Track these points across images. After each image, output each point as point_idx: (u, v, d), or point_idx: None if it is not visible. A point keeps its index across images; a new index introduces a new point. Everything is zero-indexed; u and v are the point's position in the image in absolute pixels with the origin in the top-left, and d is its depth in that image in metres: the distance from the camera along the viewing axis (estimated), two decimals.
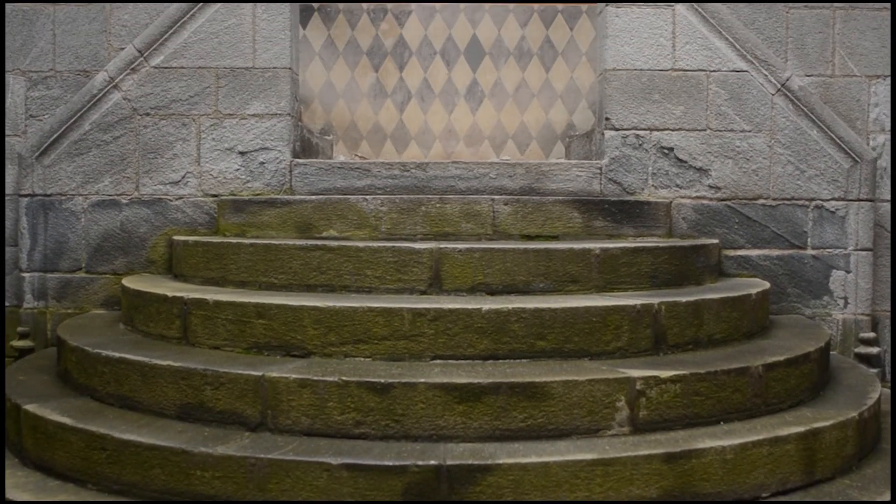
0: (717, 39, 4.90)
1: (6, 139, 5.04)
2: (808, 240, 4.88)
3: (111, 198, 4.91)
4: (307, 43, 6.72)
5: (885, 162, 5.00)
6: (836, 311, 4.87)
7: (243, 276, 4.13)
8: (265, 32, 4.95)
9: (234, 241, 4.28)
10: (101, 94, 4.89)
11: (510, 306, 3.51)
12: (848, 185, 4.87)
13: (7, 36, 5.04)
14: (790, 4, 5.01)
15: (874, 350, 4.71)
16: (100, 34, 5.03)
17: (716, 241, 4.74)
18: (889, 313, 4.96)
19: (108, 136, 4.90)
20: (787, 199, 4.89)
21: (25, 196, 4.89)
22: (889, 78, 5.00)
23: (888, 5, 5.00)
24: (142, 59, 4.92)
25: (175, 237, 4.71)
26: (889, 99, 5.00)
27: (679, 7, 4.91)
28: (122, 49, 4.98)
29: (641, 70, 4.94)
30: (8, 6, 5.04)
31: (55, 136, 4.88)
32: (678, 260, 4.25)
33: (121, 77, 4.90)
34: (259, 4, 4.93)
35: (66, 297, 4.90)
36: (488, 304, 3.56)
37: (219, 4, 4.93)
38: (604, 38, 5.02)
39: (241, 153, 4.94)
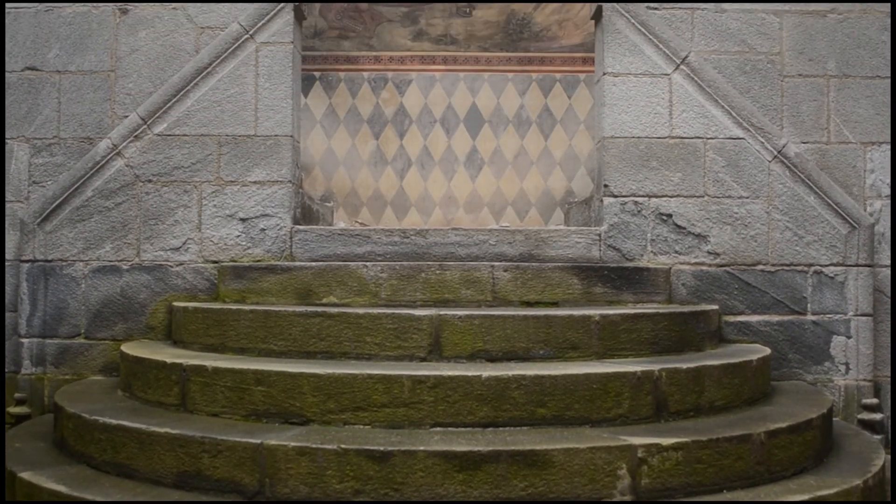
0: (713, 107, 4.97)
1: (9, 205, 5.07)
2: (808, 305, 4.88)
3: (112, 264, 4.92)
4: (309, 111, 6.80)
5: (883, 227, 5.02)
6: (837, 376, 4.85)
7: (243, 342, 4.12)
8: (267, 101, 5.01)
9: (234, 307, 4.28)
10: (104, 161, 4.94)
11: (510, 373, 3.49)
12: (846, 250, 4.89)
13: (13, 104, 5.11)
14: (784, 73, 5.09)
15: (877, 416, 4.68)
16: (104, 102, 5.10)
17: (715, 307, 4.73)
18: (889, 378, 4.94)
19: (110, 203, 4.94)
20: (786, 265, 4.90)
21: (26, 262, 4.90)
22: (885, 144, 5.05)
23: (881, 73, 5.08)
24: (145, 126, 4.97)
25: (175, 303, 4.71)
26: (884, 165, 5.04)
27: (675, 76, 4.99)
28: (126, 117, 5.04)
29: (639, 138, 4.99)
30: (15, 74, 5.11)
31: (58, 202, 4.91)
32: (678, 326, 4.25)
33: (124, 144, 4.95)
34: (261, 74, 5.00)
35: (64, 363, 4.88)
36: (488, 371, 3.54)
37: (222, 74, 5.00)
38: (602, 107, 5.09)
39: (243, 220, 4.97)
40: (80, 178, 4.93)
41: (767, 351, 4.43)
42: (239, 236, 4.96)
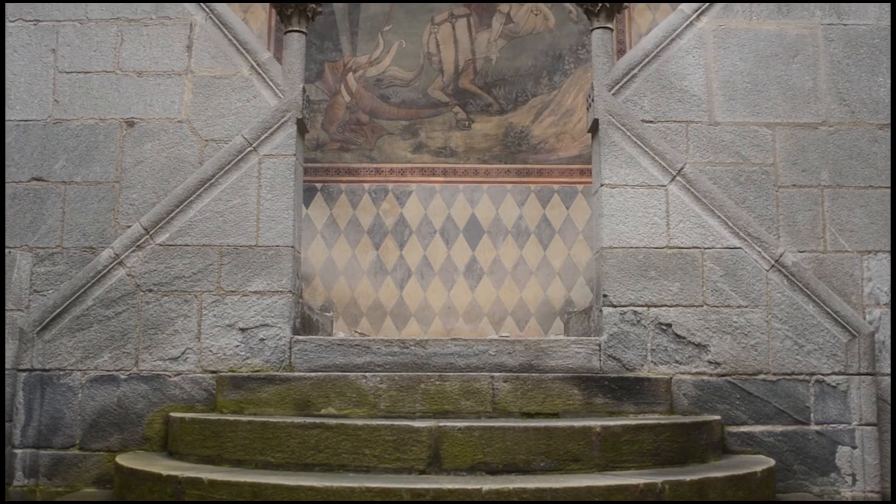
0: (710, 217, 5.02)
1: (9, 314, 5.07)
2: (812, 415, 4.83)
3: (110, 373, 4.90)
4: (310, 221, 6.87)
5: (883, 335, 5.01)
6: (844, 488, 4.76)
7: (240, 454, 4.06)
8: (269, 212, 5.07)
9: (232, 418, 4.24)
10: (105, 271, 4.96)
11: (511, 486, 3.43)
12: (847, 359, 4.87)
13: (18, 214, 5.17)
14: (779, 183, 5.17)
15: None
16: (108, 212, 5.16)
17: (718, 417, 4.69)
18: (890, 490, 4.85)
19: (110, 312, 4.94)
20: (788, 374, 4.88)
21: (24, 371, 4.88)
22: (881, 253, 5.09)
23: (873, 183, 5.15)
24: (147, 236, 5.02)
25: (172, 414, 4.66)
26: (881, 273, 5.06)
27: (672, 187, 5.06)
28: (129, 227, 5.09)
29: (637, 248, 5.03)
30: (22, 185, 5.19)
31: (58, 311, 4.92)
32: (680, 437, 4.20)
33: (126, 254, 4.99)
34: (264, 185, 5.07)
35: (57, 475, 4.80)
36: (488, 484, 3.49)
37: (225, 185, 5.07)
38: (599, 217, 5.14)
39: (242, 330, 4.96)
40: (82, 287, 4.95)
41: (772, 462, 4.37)
42: (238, 346, 4.94)
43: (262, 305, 4.98)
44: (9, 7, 5.36)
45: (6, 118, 5.24)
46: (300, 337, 5.01)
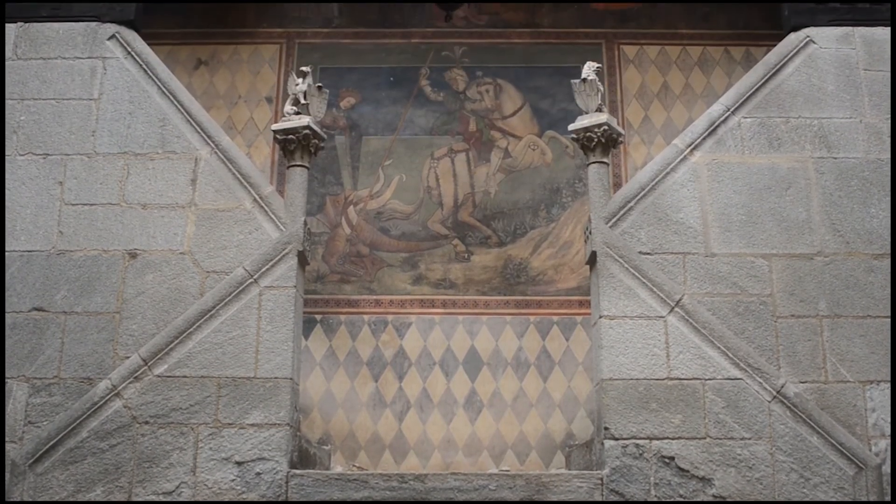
0: (709, 348, 5.02)
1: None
2: None
3: None
4: (309, 353, 6.85)
5: (888, 468, 4.92)
6: None
7: None
8: (268, 344, 5.06)
9: None
10: (102, 402, 4.92)
11: None
12: (855, 492, 4.77)
13: (16, 344, 5.16)
14: (777, 314, 5.18)
15: None
16: (107, 343, 5.15)
17: None
18: None
19: (104, 444, 4.87)
20: None
21: None
22: (883, 383, 5.05)
23: (871, 313, 5.17)
24: (146, 367, 5.00)
25: None
26: (884, 404, 5.01)
27: (670, 318, 5.07)
28: (128, 357, 5.07)
29: (637, 379, 5.00)
30: (22, 315, 5.20)
31: (52, 442, 4.85)
32: None
33: (123, 385, 4.96)
34: (264, 317, 5.08)
35: None
36: None
37: (225, 316, 5.08)
38: (599, 349, 5.14)
39: (238, 463, 4.88)
40: (77, 418, 4.89)
41: None
42: (234, 480, 4.85)
43: (260, 438, 4.91)
44: (19, 140, 5.50)
45: (10, 249, 5.29)
46: (297, 471, 4.92)
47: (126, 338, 5.17)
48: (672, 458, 4.87)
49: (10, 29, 5.75)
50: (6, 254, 5.29)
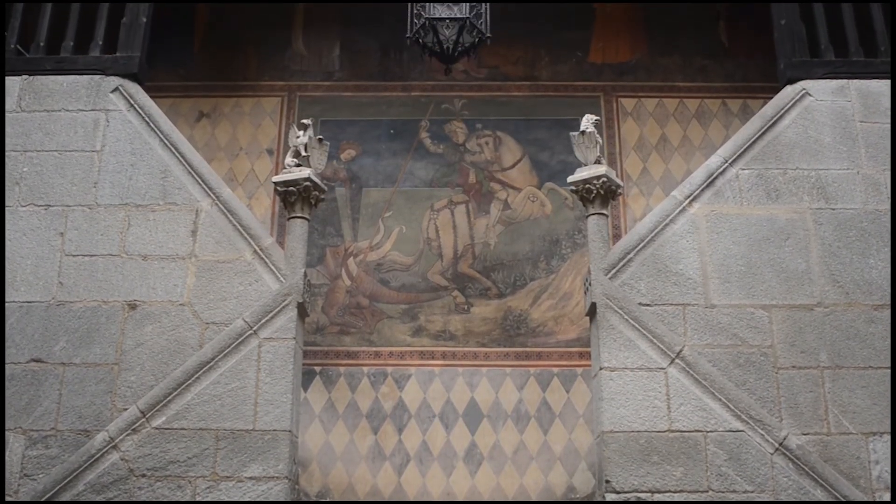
0: (710, 400, 4.99)
1: None
2: None
3: None
4: (308, 405, 6.82)
5: None
6: None
7: None
8: (267, 395, 5.03)
9: None
10: (99, 455, 4.87)
11: None
12: None
13: (14, 395, 5.13)
14: (778, 365, 5.16)
15: None
16: (105, 394, 5.12)
17: None
18: None
19: (101, 498, 4.81)
20: None
21: None
22: (886, 434, 5.01)
23: (873, 364, 5.15)
24: (144, 420, 4.96)
25: None
26: (888, 456, 4.97)
27: (671, 369, 5.05)
28: (126, 409, 5.04)
29: (639, 431, 4.96)
30: (20, 366, 5.18)
31: (48, 496, 4.79)
32: None
33: (121, 437, 4.92)
34: (263, 369, 5.06)
35: None
36: None
37: (224, 368, 5.06)
38: (600, 401, 5.10)
39: None
40: (74, 471, 4.84)
41: None
42: None
43: (258, 492, 4.86)
44: (21, 192, 5.53)
45: (10, 300, 5.29)
46: None
47: (124, 389, 5.14)
48: None
49: (15, 82, 5.81)
50: (6, 304, 5.28)
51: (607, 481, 4.89)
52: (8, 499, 4.95)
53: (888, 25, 6.04)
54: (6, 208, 5.48)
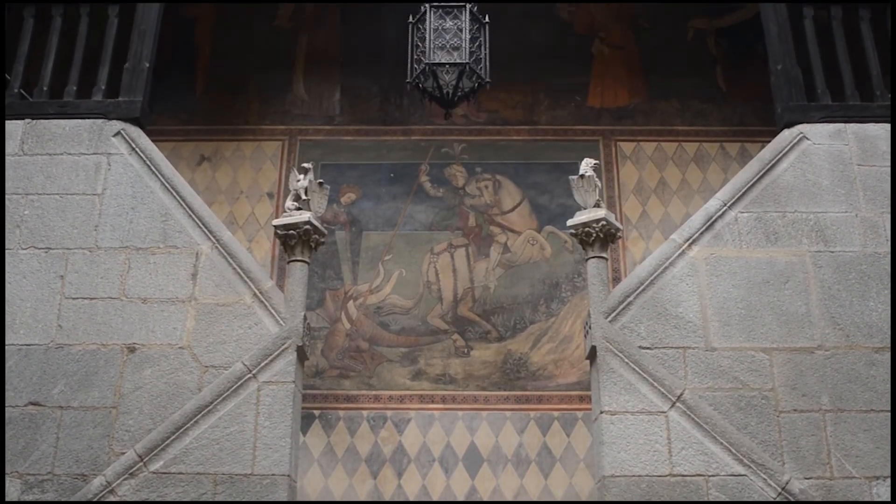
0: (712, 444, 4.95)
1: None
2: None
3: None
4: (307, 449, 6.77)
5: None
6: None
7: None
8: (266, 440, 5.00)
9: None
10: (96, 499, 4.83)
11: None
12: None
13: (10, 439, 5.09)
14: (780, 409, 5.14)
15: None
16: (103, 438, 5.09)
17: None
18: None
19: None
20: None
21: None
22: (889, 479, 4.98)
23: (875, 407, 5.12)
24: (141, 464, 4.92)
25: None
26: (891, 500, 4.94)
27: (672, 413, 5.03)
28: (123, 454, 5.00)
29: (640, 476, 4.92)
30: (18, 409, 5.15)
31: None
32: None
33: (118, 482, 4.87)
34: (262, 412, 5.03)
35: None
36: None
37: (223, 412, 5.03)
38: (600, 445, 5.07)
39: None
40: None
41: None
42: None
43: None
44: (22, 234, 5.53)
45: (9, 343, 5.28)
46: None
47: (122, 433, 5.11)
48: None
49: (18, 125, 5.85)
50: (6, 347, 5.27)
51: None
52: None
53: (885, 70, 6.10)
54: (7, 251, 5.49)
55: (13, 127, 5.85)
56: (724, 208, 5.60)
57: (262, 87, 8.28)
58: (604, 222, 5.34)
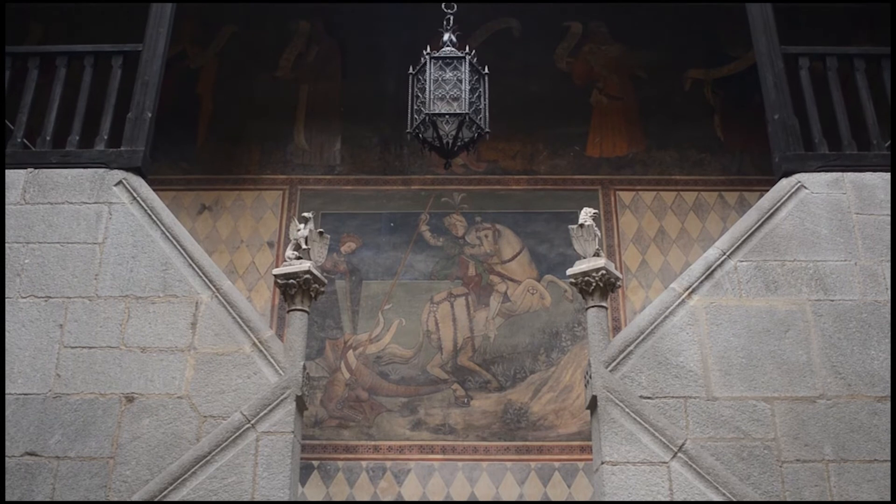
0: (714, 495, 4.89)
1: None
2: None
3: None
4: (305, 500, 6.69)
5: None
6: None
7: None
8: (265, 490, 4.95)
9: None
10: None
11: None
12: None
13: (6, 490, 5.04)
14: (782, 459, 5.09)
15: None
16: (99, 489, 5.03)
17: None
18: None
19: None
20: None
21: None
22: None
23: (878, 457, 5.08)
24: None
25: None
26: None
27: (673, 463, 4.99)
28: None
29: None
30: (14, 459, 5.10)
31: None
32: None
33: None
34: (261, 463, 5.00)
35: None
36: None
37: (221, 462, 4.99)
38: (602, 496, 5.02)
39: None
40: None
41: None
42: None
43: None
44: (22, 283, 5.53)
45: (7, 392, 5.25)
46: None
47: (119, 484, 5.06)
48: None
49: (20, 175, 5.88)
50: (5, 396, 5.24)
51: None
52: None
53: (881, 119, 6.15)
54: (7, 300, 5.49)
55: (15, 176, 5.87)
56: (724, 257, 5.61)
57: (264, 137, 8.35)
58: (603, 271, 5.34)
